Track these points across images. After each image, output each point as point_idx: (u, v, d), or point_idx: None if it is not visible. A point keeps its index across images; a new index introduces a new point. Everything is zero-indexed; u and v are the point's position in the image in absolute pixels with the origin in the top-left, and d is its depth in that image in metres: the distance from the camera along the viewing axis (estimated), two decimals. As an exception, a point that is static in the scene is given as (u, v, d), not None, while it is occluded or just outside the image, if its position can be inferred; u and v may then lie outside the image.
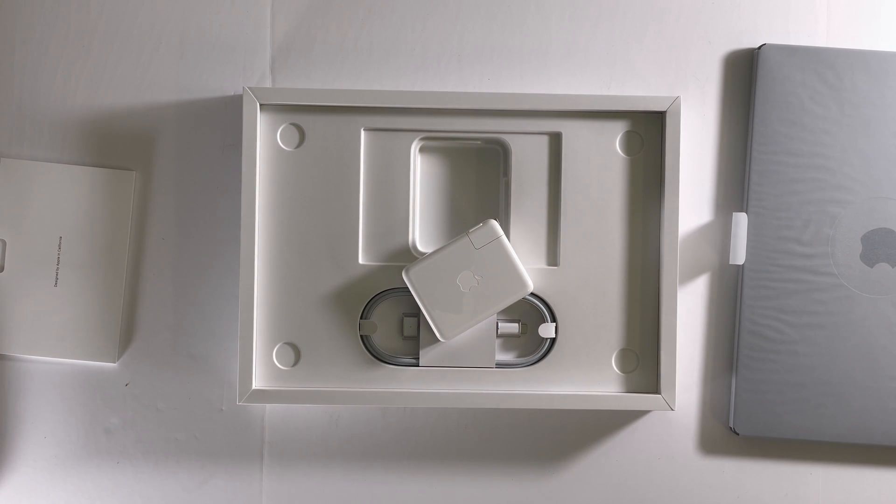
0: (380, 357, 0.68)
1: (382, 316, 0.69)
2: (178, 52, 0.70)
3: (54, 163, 0.70)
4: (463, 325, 0.65)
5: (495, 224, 0.65)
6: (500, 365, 0.68)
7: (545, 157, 0.68)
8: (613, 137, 0.68)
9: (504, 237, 0.65)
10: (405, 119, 0.68)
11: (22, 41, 0.70)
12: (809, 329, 0.68)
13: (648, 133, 0.68)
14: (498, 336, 0.68)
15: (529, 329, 0.69)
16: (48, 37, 0.70)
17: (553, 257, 0.69)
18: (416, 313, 0.68)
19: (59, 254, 0.70)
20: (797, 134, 0.68)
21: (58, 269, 0.70)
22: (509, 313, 0.69)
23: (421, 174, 0.69)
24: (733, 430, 0.69)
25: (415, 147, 0.68)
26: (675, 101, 0.67)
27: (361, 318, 0.68)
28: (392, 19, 0.70)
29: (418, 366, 0.68)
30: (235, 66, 0.70)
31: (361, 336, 0.68)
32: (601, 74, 0.70)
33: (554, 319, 0.68)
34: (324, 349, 0.68)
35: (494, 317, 0.67)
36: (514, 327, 0.68)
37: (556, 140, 0.68)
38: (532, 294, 0.68)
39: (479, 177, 0.70)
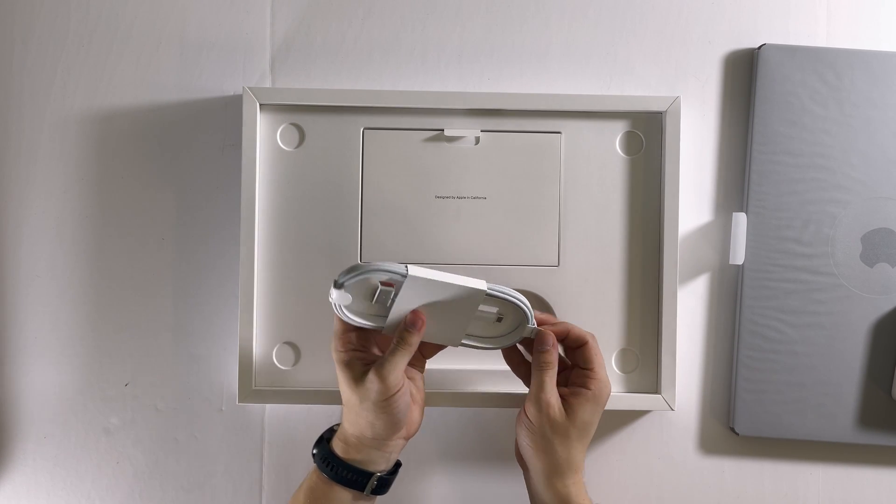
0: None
1: (382, 316, 0.69)
2: (178, 52, 0.70)
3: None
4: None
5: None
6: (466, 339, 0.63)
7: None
8: (613, 137, 0.68)
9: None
10: (405, 119, 0.68)
11: (22, 41, 0.70)
12: (809, 329, 0.68)
13: (648, 133, 0.68)
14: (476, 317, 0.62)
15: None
16: (48, 37, 0.70)
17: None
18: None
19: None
20: (797, 134, 0.68)
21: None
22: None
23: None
24: (733, 430, 0.69)
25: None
26: (675, 101, 0.67)
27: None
28: (392, 19, 0.70)
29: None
30: (235, 66, 0.70)
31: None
32: (601, 74, 0.70)
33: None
34: (324, 349, 0.68)
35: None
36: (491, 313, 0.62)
37: (556, 140, 0.68)
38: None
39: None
